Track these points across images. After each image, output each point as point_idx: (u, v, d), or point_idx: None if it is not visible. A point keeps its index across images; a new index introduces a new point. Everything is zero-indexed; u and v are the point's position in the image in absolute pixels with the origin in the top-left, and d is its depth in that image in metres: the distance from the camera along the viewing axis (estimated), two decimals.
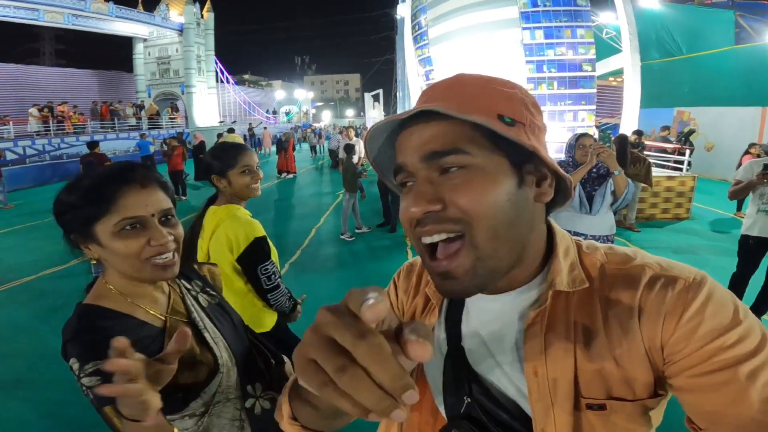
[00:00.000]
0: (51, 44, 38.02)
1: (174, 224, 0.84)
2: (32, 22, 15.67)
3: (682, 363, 0.45)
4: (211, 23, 22.17)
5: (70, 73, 21.37)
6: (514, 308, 0.55)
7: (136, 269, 0.79)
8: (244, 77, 46.71)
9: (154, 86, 21.73)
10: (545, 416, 0.51)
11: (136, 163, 0.85)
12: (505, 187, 0.47)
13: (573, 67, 7.92)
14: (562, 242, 0.55)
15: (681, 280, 0.48)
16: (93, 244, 0.79)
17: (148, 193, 0.80)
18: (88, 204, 0.77)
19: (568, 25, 7.82)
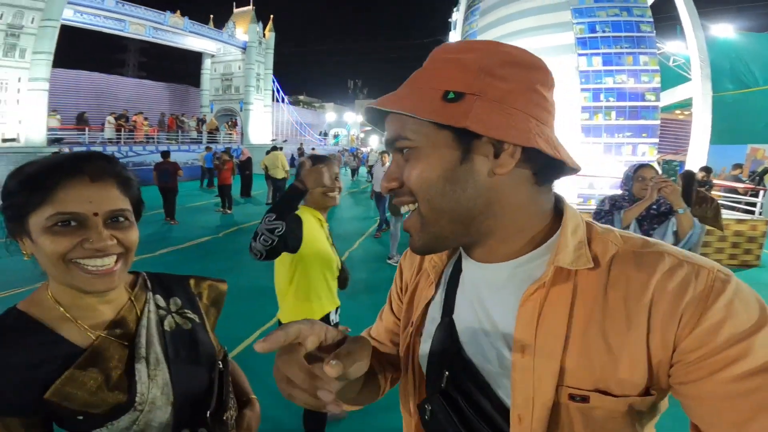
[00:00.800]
0: (135, 56, 41.67)
1: (124, 228, 0.73)
2: (118, 33, 17.18)
3: (698, 367, 0.42)
4: (271, 42, 23.35)
5: (145, 84, 23.35)
6: (510, 280, 0.54)
7: (61, 273, 0.69)
8: (299, 98, 48.76)
9: (216, 101, 23.08)
10: (524, 403, 0.49)
11: (97, 153, 0.76)
12: (442, 164, 0.49)
13: (634, 96, 7.40)
14: (571, 220, 0.53)
15: (705, 270, 0.45)
16: (26, 238, 0.70)
17: (98, 188, 0.70)
18: (25, 191, 0.68)
19: (629, 51, 7.35)
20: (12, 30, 11.09)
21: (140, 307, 0.83)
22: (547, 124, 0.51)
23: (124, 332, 0.79)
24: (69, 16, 14.03)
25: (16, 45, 11.23)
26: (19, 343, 0.70)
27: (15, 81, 11.28)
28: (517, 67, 0.50)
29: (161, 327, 0.83)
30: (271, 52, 23.46)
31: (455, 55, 0.51)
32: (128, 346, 0.78)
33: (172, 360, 0.81)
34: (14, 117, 11.20)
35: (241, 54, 22.12)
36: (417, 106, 0.48)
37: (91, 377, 0.72)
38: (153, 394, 0.77)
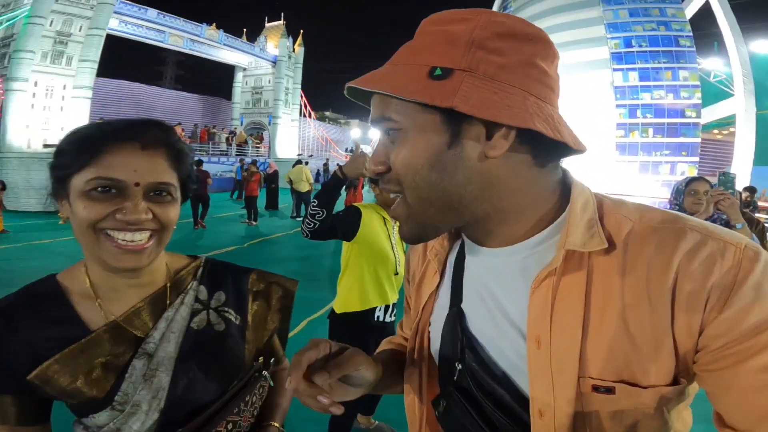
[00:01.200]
0: (173, 69, 43.60)
1: (165, 203, 0.68)
2: (158, 44, 18.03)
3: (724, 354, 0.40)
4: (300, 57, 23.94)
5: (181, 96, 24.42)
6: (518, 265, 0.50)
7: (90, 243, 0.64)
8: (325, 114, 49.66)
9: (246, 114, 23.72)
10: (545, 395, 0.46)
11: (154, 120, 0.71)
12: (428, 148, 0.45)
13: (673, 112, 7.11)
14: (580, 196, 0.49)
15: (731, 247, 0.41)
16: (65, 201, 0.67)
17: (146, 157, 0.66)
18: (73, 151, 0.64)
19: (668, 66, 7.11)
20: (61, 37, 11.69)
21: (175, 296, 0.76)
22: (549, 101, 0.47)
23: (144, 322, 0.73)
24: (114, 26, 14.81)
25: (63, 52, 11.82)
26: (40, 312, 0.69)
27: (60, 88, 11.84)
28: (514, 39, 0.45)
29: (188, 323, 0.76)
30: (300, 66, 24.05)
31: (443, 27, 0.46)
32: (141, 337, 0.72)
33: (181, 364, 0.73)
34: (57, 124, 11.73)
35: (271, 68, 22.76)
36: (400, 85, 0.44)
37: (79, 365, 0.67)
38: (140, 396, 0.70)
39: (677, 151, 7.13)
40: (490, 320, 0.52)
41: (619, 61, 7.36)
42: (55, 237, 7.54)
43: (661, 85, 7.11)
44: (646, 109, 7.19)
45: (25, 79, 11.07)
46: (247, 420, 0.80)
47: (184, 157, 0.72)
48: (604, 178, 7.52)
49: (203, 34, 18.95)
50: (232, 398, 0.78)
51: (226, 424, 0.76)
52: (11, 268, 5.59)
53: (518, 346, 0.48)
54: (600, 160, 7.53)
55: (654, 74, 7.14)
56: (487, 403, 0.51)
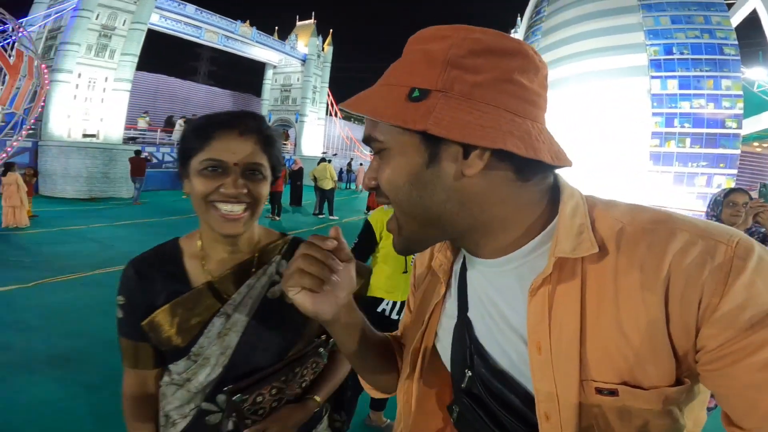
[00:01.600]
0: (206, 65, 44.80)
1: (257, 180, 0.81)
2: (195, 39, 18.54)
3: (721, 354, 0.39)
4: (329, 56, 24.22)
5: (213, 91, 25.00)
6: (512, 274, 0.51)
7: (203, 212, 0.80)
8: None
9: (275, 111, 24.16)
10: (549, 399, 0.46)
11: (249, 112, 0.86)
12: (407, 168, 0.47)
13: (713, 122, 6.81)
14: (569, 201, 0.48)
15: (722, 246, 0.41)
16: (186, 179, 0.82)
17: (242, 142, 0.79)
18: (192, 138, 0.80)
19: (710, 75, 6.80)
20: (105, 31, 12.20)
21: (259, 266, 0.88)
22: (528, 116, 0.46)
23: (231, 285, 0.85)
24: (155, 21, 15.33)
25: (107, 45, 12.32)
26: (161, 268, 0.85)
27: (102, 80, 12.35)
28: (490, 55, 0.45)
29: (265, 292, 0.86)
30: (328, 65, 24.31)
31: (423, 46, 0.47)
32: (225, 299, 0.84)
33: (250, 327, 0.84)
34: (97, 115, 12.25)
35: (300, 66, 23.10)
36: (379, 108, 0.46)
37: (176, 316, 0.82)
38: (211, 351, 0.82)
39: (715, 162, 6.81)
40: (493, 327, 0.53)
41: (657, 68, 7.07)
42: (88, 224, 7.85)
43: (701, 93, 6.78)
44: (684, 118, 6.89)
45: (69, 71, 11.58)
46: (293, 389, 0.87)
47: (273, 141, 0.85)
48: (637, 189, 7.27)
49: (237, 31, 19.40)
50: (283, 367, 0.85)
51: (271, 389, 0.83)
52: (45, 251, 5.83)
53: (521, 351, 0.49)
54: (633, 170, 7.30)
55: (695, 83, 6.82)
56: (498, 408, 0.52)
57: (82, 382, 2.72)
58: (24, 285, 4.38)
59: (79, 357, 3.04)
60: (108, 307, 3.97)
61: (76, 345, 3.21)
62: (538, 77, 0.47)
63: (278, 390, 0.84)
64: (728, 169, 6.80)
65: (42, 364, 2.91)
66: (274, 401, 0.84)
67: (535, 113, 0.47)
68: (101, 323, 3.57)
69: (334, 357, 0.97)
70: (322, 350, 0.90)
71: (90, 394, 2.59)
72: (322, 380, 0.93)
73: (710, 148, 6.81)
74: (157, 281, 0.84)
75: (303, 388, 0.89)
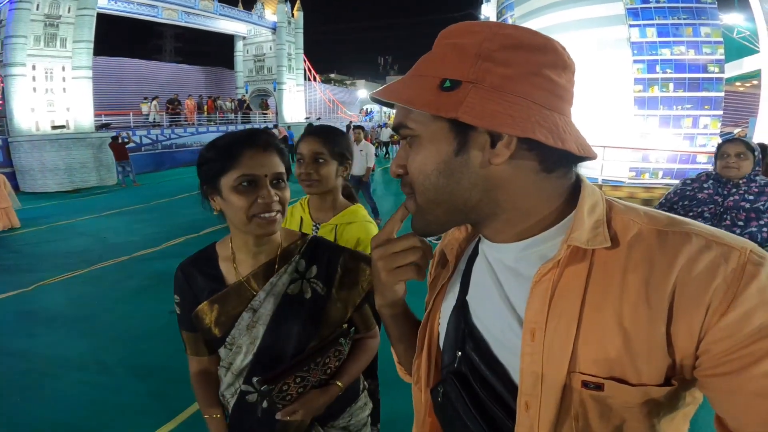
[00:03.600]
0: (171, 42, 42.54)
1: (282, 188, 0.91)
2: (153, 19, 17.44)
3: (727, 359, 0.39)
4: (300, 22, 23.08)
5: (182, 68, 23.90)
6: (522, 260, 0.52)
7: (242, 222, 0.88)
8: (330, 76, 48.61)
9: (251, 82, 23.29)
10: (533, 387, 0.47)
11: (263, 129, 0.96)
12: (438, 155, 0.48)
13: (695, 68, 6.89)
14: (589, 198, 0.50)
15: (736, 252, 0.41)
16: (217, 196, 0.90)
17: (267, 156, 0.89)
18: (219, 159, 0.88)
19: (688, 22, 6.82)
20: (50, 20, 11.39)
21: (281, 265, 0.98)
22: (556, 109, 0.47)
23: (258, 283, 0.96)
24: (104, 5, 14.32)
25: (56, 35, 11.55)
26: (201, 270, 0.99)
27: (59, 70, 11.66)
28: (521, 50, 0.46)
29: (286, 289, 0.96)
30: (301, 31, 23.23)
31: (455, 40, 0.48)
32: (253, 295, 0.95)
33: (273, 321, 0.95)
34: (62, 105, 11.69)
35: (271, 35, 22.05)
36: (413, 97, 0.47)
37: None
38: (242, 341, 0.95)
39: (699, 105, 6.91)
40: (493, 312, 0.54)
41: (635, 17, 7.01)
42: (76, 217, 7.70)
43: (681, 41, 6.80)
44: (665, 64, 6.92)
45: (22, 64, 10.92)
46: (317, 376, 0.96)
47: (285, 153, 0.94)
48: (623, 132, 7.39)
49: (197, 6, 18.25)
50: (305, 357, 0.95)
51: (295, 378, 0.93)
52: (39, 252, 5.75)
53: (515, 337, 0.50)
54: (618, 115, 7.39)
55: (674, 30, 6.82)
56: (481, 391, 0.54)
57: (105, 384, 2.75)
58: (25, 289, 4.36)
59: (97, 357, 3.07)
60: (111, 304, 4.02)
61: (90, 345, 3.24)
62: (566, 73, 0.49)
63: (302, 378, 0.94)
64: (714, 110, 6.89)
65: (63, 368, 2.92)
66: (300, 388, 0.94)
67: (562, 107, 0.48)
68: (108, 321, 3.62)
69: (357, 346, 1.06)
70: (342, 340, 0.97)
71: (116, 395, 2.62)
72: (345, 367, 1.02)
73: (694, 92, 6.89)
74: (199, 280, 0.98)
75: (328, 375, 0.99)
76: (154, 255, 5.45)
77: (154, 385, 2.71)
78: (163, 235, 6.32)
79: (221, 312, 0.95)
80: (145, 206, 8.61)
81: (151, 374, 2.82)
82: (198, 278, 0.98)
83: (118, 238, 6.30)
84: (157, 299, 4.00)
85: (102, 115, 14.37)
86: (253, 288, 0.96)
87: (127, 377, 2.80)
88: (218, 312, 0.95)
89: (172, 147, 15.56)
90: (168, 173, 14.08)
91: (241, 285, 0.96)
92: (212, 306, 0.95)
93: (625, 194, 6.18)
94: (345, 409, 1.06)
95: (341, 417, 1.06)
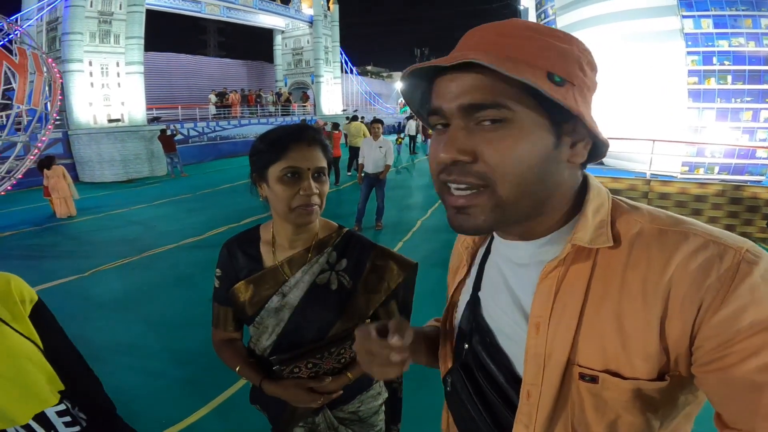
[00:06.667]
0: (215, 37, 43.84)
1: (323, 181, 0.97)
2: (196, 14, 18.12)
3: (720, 355, 0.40)
4: (336, 15, 23.25)
5: (225, 63, 24.74)
6: (533, 259, 0.53)
7: (284, 211, 0.95)
8: (366, 68, 48.54)
9: (289, 75, 23.77)
10: (535, 377, 0.50)
11: (309, 125, 1.00)
12: (540, 147, 0.46)
13: (755, 60, 6.39)
14: (595, 199, 0.52)
15: (731, 251, 0.42)
16: (264, 184, 0.97)
17: (311, 150, 0.94)
18: (268, 150, 0.94)
19: (747, 14, 6.33)
20: (104, 17, 12.02)
21: (314, 255, 1.03)
22: None
23: (291, 269, 1.02)
24: (152, 1, 14.94)
25: (109, 31, 12.20)
26: (244, 249, 1.06)
27: (114, 65, 12.38)
28: (592, 68, 0.50)
29: (315, 278, 1.02)
30: (337, 24, 23.36)
31: (550, 40, 0.48)
32: (285, 280, 1.02)
33: (299, 308, 1.01)
34: (117, 99, 12.43)
35: (308, 28, 22.32)
36: (531, 78, 0.43)
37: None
38: (269, 322, 1.02)
39: (760, 98, 6.42)
40: (502, 308, 0.56)
41: (689, 8, 6.54)
42: (129, 206, 8.22)
43: (740, 32, 6.30)
44: (723, 56, 6.44)
45: (79, 60, 11.63)
46: (330, 364, 1.03)
47: (328, 149, 1.00)
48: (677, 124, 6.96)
49: (238, 1, 18.78)
50: (321, 345, 1.01)
51: (307, 363, 1.01)
52: (96, 239, 6.18)
53: (521, 332, 0.52)
54: (671, 108, 6.97)
55: (731, 21, 6.34)
56: (485, 382, 0.56)
57: (148, 369, 2.89)
58: (82, 275, 4.65)
59: (143, 343, 3.22)
60: (159, 291, 4.29)
61: (137, 331, 3.39)
62: None
63: (314, 365, 1.02)
64: None
65: (110, 352, 3.07)
66: (312, 373, 1.03)
67: None
68: (154, 308, 3.80)
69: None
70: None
71: (156, 380, 2.76)
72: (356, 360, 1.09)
73: (755, 84, 6.39)
74: (240, 259, 1.06)
75: (341, 364, 1.05)
76: (198, 243, 5.75)
77: (191, 371, 2.85)
78: (207, 224, 6.65)
79: (255, 292, 1.02)
80: (192, 196, 9.07)
81: (190, 361, 2.95)
82: (240, 257, 1.06)
83: (166, 226, 6.67)
84: (198, 287, 4.22)
85: (153, 109, 15.16)
86: (286, 273, 1.02)
87: (167, 363, 2.95)
88: (253, 292, 1.02)
89: (216, 139, 16.23)
90: (213, 164, 14.71)
91: (276, 269, 1.02)
92: (248, 285, 1.03)
93: (676, 190, 5.82)
94: (355, 396, 1.11)
95: (350, 403, 1.10)
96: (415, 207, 7.68)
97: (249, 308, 1.03)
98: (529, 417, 0.51)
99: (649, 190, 5.97)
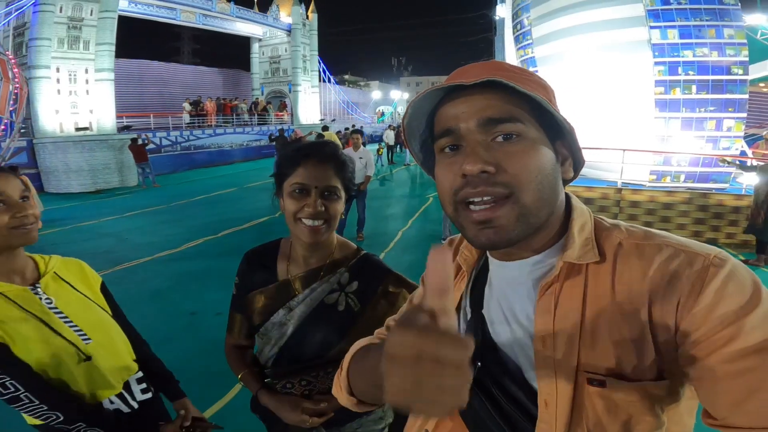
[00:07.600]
0: (189, 44, 43.17)
1: (332, 200, 0.97)
2: (171, 21, 17.79)
3: (696, 349, 0.44)
4: (315, 24, 23.31)
5: (200, 70, 24.29)
6: (530, 277, 0.57)
7: (291, 224, 0.98)
8: (344, 77, 48.82)
9: (266, 84, 23.58)
10: (549, 387, 0.52)
11: (324, 142, 1.03)
12: (548, 159, 0.52)
13: (718, 69, 6.75)
14: (579, 218, 0.57)
15: (700, 257, 0.47)
16: (281, 198, 1.00)
17: (321, 169, 0.96)
18: (285, 165, 0.98)
19: (711, 24, 6.69)
20: (73, 23, 11.67)
21: (326, 274, 1.04)
22: None
23: (301, 285, 1.04)
24: (124, 7, 14.62)
25: (79, 37, 11.83)
26: (262, 261, 1.09)
27: (83, 72, 11.97)
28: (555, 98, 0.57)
29: (323, 297, 1.02)
30: (315, 33, 23.43)
31: (530, 77, 0.55)
32: (293, 296, 1.03)
33: (303, 324, 1.02)
34: (85, 107, 12.00)
35: (286, 37, 22.30)
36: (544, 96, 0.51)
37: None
38: (272, 334, 1.04)
39: (723, 107, 6.78)
40: (506, 325, 0.59)
41: (656, 18, 6.87)
42: (99, 218, 7.88)
43: (704, 42, 6.65)
44: (688, 66, 6.77)
45: (47, 66, 11.23)
46: (325, 384, 1.03)
47: (345, 166, 1.00)
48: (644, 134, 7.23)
49: (215, 8, 18.57)
50: (317, 364, 1.02)
51: (300, 380, 1.03)
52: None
53: (528, 347, 0.55)
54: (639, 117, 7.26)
55: (696, 32, 6.68)
56: (502, 398, 0.58)
57: None
58: None
59: None
60: (134, 305, 4.08)
61: None
62: None
63: (308, 383, 1.03)
64: (738, 113, 6.73)
65: None
66: (305, 390, 1.04)
67: None
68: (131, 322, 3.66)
69: None
70: None
71: None
72: None
73: (718, 94, 6.75)
74: (257, 270, 1.08)
75: None
76: (174, 256, 5.54)
77: None
78: (183, 236, 6.44)
79: (265, 303, 1.05)
80: (166, 207, 8.79)
81: None
82: (257, 268, 1.09)
83: (140, 238, 6.44)
84: (177, 301, 4.05)
85: (123, 117, 14.71)
86: (296, 289, 1.03)
87: None
88: (263, 303, 1.05)
89: (190, 149, 15.87)
90: (187, 174, 14.34)
91: (287, 283, 1.04)
92: (260, 296, 1.05)
93: (646, 198, 6.02)
94: (354, 419, 1.08)
95: (347, 425, 1.08)
96: (395, 217, 7.69)
97: (256, 317, 1.06)
98: (550, 425, 0.53)
99: (621, 199, 6.17)
